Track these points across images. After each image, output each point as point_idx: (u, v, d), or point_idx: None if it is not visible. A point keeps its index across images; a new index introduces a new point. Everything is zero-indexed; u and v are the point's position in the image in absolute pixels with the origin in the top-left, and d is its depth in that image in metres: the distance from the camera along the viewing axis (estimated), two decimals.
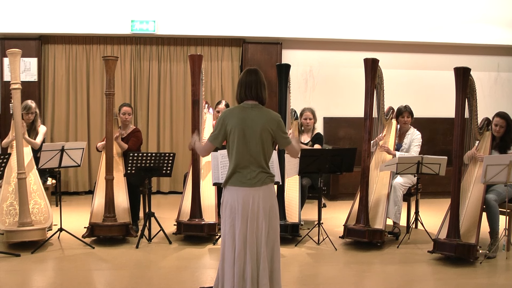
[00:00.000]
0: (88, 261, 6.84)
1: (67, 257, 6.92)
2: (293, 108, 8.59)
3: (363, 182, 7.53)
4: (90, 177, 11.19)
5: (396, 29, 11.34)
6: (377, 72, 7.67)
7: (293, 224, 7.63)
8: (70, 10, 10.70)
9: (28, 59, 10.69)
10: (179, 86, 11.35)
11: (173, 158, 7.57)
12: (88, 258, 6.92)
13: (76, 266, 6.62)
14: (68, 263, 6.72)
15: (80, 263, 6.72)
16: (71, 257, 6.91)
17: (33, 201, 7.45)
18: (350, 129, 11.47)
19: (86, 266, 6.67)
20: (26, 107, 8.20)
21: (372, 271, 6.66)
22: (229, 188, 4.72)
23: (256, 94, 4.74)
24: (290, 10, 11.15)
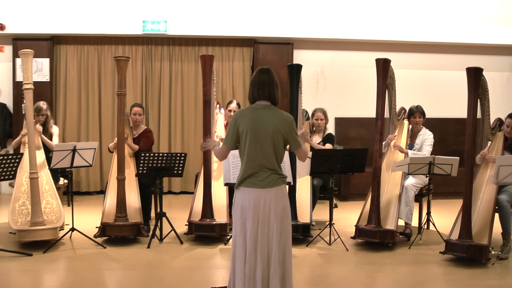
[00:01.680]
0: (99, 260, 6.86)
1: (79, 257, 6.94)
2: (305, 109, 8.58)
3: (375, 183, 7.51)
4: (102, 177, 11.22)
5: (407, 29, 11.31)
6: (389, 72, 7.65)
7: (304, 224, 7.62)
8: (82, 10, 10.73)
9: (40, 59, 10.73)
10: (190, 86, 11.36)
11: (184, 158, 7.57)
12: (100, 258, 6.94)
13: (87, 265, 6.63)
14: (80, 262, 6.74)
15: (92, 263, 6.74)
16: (83, 257, 6.93)
17: (45, 200, 7.48)
18: (361, 129, 11.44)
19: (97, 265, 6.69)
20: (37, 108, 8.22)
21: (383, 272, 6.65)
22: (241, 189, 4.71)
23: (268, 94, 4.73)
24: (302, 10, 11.13)
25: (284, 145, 4.75)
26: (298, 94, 7.78)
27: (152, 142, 8.63)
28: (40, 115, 8.30)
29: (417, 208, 8.29)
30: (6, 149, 10.84)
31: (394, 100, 8.00)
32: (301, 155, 4.90)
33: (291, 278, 4.77)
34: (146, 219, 8.01)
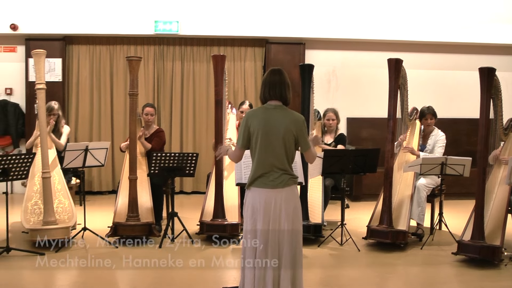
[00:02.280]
0: (111, 260, 6.87)
1: (91, 256, 6.95)
2: (316, 109, 8.58)
3: (387, 183, 7.50)
4: (114, 177, 11.25)
5: (420, 29, 11.27)
6: (401, 72, 7.62)
7: (316, 224, 7.61)
8: (94, 11, 10.76)
9: (52, 59, 10.76)
10: (202, 86, 11.37)
11: (196, 158, 7.58)
12: (111, 257, 6.95)
13: (99, 265, 6.64)
14: (92, 262, 6.75)
15: (103, 262, 6.75)
16: (95, 256, 6.94)
17: (57, 200, 7.50)
18: (373, 129, 11.41)
19: (109, 265, 6.70)
20: (49, 108, 8.24)
21: (395, 273, 6.64)
22: (252, 189, 4.71)
23: (280, 94, 4.72)
24: (313, 11, 11.12)
25: (295, 146, 4.75)
26: (310, 94, 7.77)
27: (164, 142, 8.65)
28: (51, 114, 8.33)
29: (429, 209, 8.26)
30: (18, 148, 10.89)
31: (406, 100, 7.98)
32: (310, 157, 4.89)
33: (301, 279, 4.76)
34: (158, 218, 8.03)
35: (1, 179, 6.70)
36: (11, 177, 6.76)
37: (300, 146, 4.78)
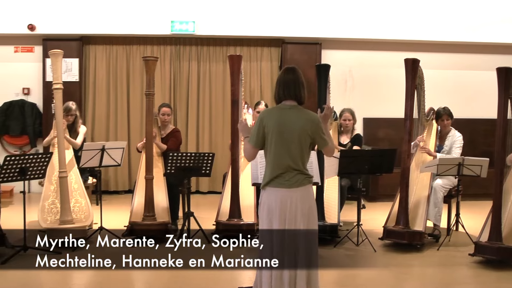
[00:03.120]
0: (127, 259, 6.88)
1: (107, 256, 6.96)
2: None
3: (403, 183, 7.47)
4: (130, 177, 11.27)
5: (436, 29, 11.22)
6: (418, 72, 7.59)
7: (332, 225, 7.59)
8: (111, 11, 10.80)
9: (69, 59, 10.81)
10: (219, 86, 11.38)
11: (212, 158, 7.58)
12: (127, 257, 6.96)
13: (115, 264, 6.66)
14: (108, 261, 6.76)
15: (119, 262, 6.76)
16: (111, 256, 6.95)
17: (74, 199, 7.54)
18: (390, 130, 11.36)
19: (125, 264, 6.71)
20: (66, 108, 8.28)
21: (411, 274, 6.61)
22: (267, 189, 4.70)
23: (294, 93, 4.70)
24: (330, 11, 11.09)
25: (310, 146, 4.73)
26: (326, 94, 7.75)
27: (180, 142, 8.66)
28: (69, 115, 8.36)
29: (446, 210, 8.22)
30: (36, 148, 10.95)
31: (423, 100, 7.94)
32: (328, 151, 4.85)
33: (317, 279, 4.75)
34: (174, 218, 8.04)
35: (19, 178, 6.74)
36: (28, 176, 6.80)
37: (318, 144, 4.76)
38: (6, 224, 7.42)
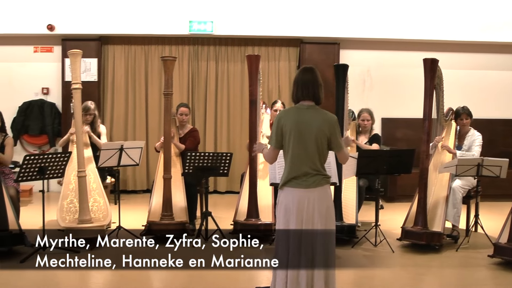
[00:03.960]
0: (145, 259, 6.90)
1: (125, 254, 6.99)
2: (351, 109, 8.53)
3: (422, 184, 7.43)
4: (148, 176, 11.31)
5: (455, 29, 11.15)
6: (437, 72, 7.55)
7: (350, 225, 7.57)
8: (129, 11, 10.84)
9: (88, 59, 10.87)
10: (237, 86, 11.39)
11: (230, 158, 7.58)
12: (145, 256, 6.98)
13: (133, 264, 6.68)
14: (126, 260, 6.78)
15: (137, 261, 6.78)
16: (129, 255, 6.98)
17: (92, 199, 7.57)
18: (408, 130, 11.32)
19: (143, 264, 6.73)
20: (85, 108, 8.30)
21: (429, 274, 6.57)
22: (285, 189, 4.69)
23: (313, 94, 4.70)
24: (348, 10, 11.07)
25: (328, 146, 4.72)
26: (345, 94, 7.74)
27: (198, 141, 8.67)
28: (88, 114, 8.39)
29: (465, 210, 8.17)
30: (55, 147, 11.02)
31: (441, 100, 7.90)
32: (342, 157, 4.86)
33: (334, 279, 4.74)
34: (192, 218, 8.06)
35: (38, 177, 6.79)
36: (47, 175, 6.84)
37: (333, 147, 4.75)
38: (25, 223, 7.48)
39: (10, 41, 11.07)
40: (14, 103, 11.03)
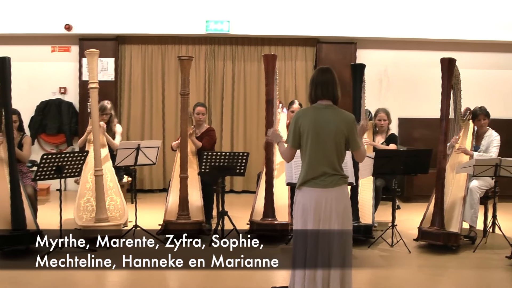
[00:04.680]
0: (161, 258, 6.92)
1: (141, 254, 7.01)
2: (368, 109, 8.51)
3: (439, 184, 7.40)
4: (165, 175, 11.33)
5: (473, 28, 11.08)
6: (454, 72, 7.51)
7: (366, 225, 7.56)
8: (146, 11, 10.87)
9: (105, 59, 10.90)
10: (253, 86, 11.38)
11: (246, 158, 7.59)
12: (162, 255, 7.00)
13: (150, 263, 6.70)
14: (142, 260, 6.81)
15: (154, 260, 6.80)
16: (145, 254, 7.00)
17: (109, 197, 7.61)
18: (425, 130, 11.27)
19: (159, 263, 6.75)
20: (101, 107, 8.34)
21: (446, 275, 6.54)
22: (302, 189, 4.69)
23: (331, 93, 4.70)
24: (365, 10, 11.03)
25: (346, 145, 4.72)
26: (361, 94, 7.72)
27: (215, 141, 8.68)
28: (104, 114, 8.43)
29: (482, 211, 8.12)
30: (72, 146, 11.07)
31: (459, 100, 7.86)
32: (359, 156, 4.86)
33: (351, 280, 4.73)
34: (208, 217, 8.07)
35: (55, 176, 6.82)
36: (64, 174, 6.88)
37: (350, 146, 4.74)
38: (43, 222, 7.53)
39: (28, 41, 11.13)
40: (32, 102, 11.09)
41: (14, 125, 7.35)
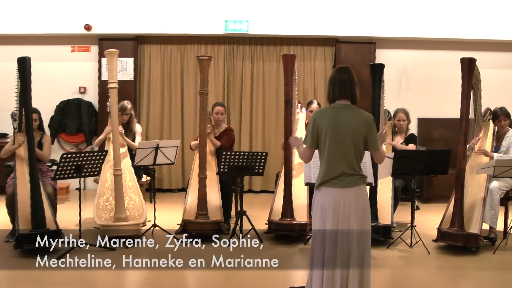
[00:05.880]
0: (180, 257, 6.93)
1: (160, 253, 7.03)
2: (387, 109, 8.47)
3: (458, 185, 7.35)
4: (183, 175, 11.35)
5: (493, 28, 10.99)
6: (474, 72, 7.46)
7: (385, 226, 7.53)
8: (165, 11, 10.90)
9: (124, 59, 10.94)
10: (272, 86, 11.38)
11: (265, 158, 7.59)
12: (180, 255, 7.02)
13: (168, 262, 6.72)
14: (161, 259, 6.83)
15: (173, 259, 6.82)
16: (164, 253, 7.02)
17: (128, 197, 7.63)
18: (445, 130, 11.20)
19: (178, 262, 6.76)
20: (121, 107, 8.37)
21: (466, 277, 6.50)
22: (321, 189, 4.69)
23: (350, 93, 4.69)
24: (384, 9, 10.99)
25: (364, 145, 4.70)
26: (380, 94, 7.70)
27: (233, 140, 8.69)
28: (124, 114, 8.46)
29: (503, 212, 8.05)
30: (91, 146, 11.12)
31: (479, 100, 7.81)
32: (378, 157, 4.85)
33: (369, 280, 4.72)
34: (227, 217, 8.08)
35: (75, 175, 6.86)
36: (84, 174, 6.92)
37: (369, 146, 4.73)
38: (62, 221, 7.58)
39: (48, 41, 11.20)
40: (52, 102, 11.16)
41: (34, 124, 7.41)
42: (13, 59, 7.17)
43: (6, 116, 7.94)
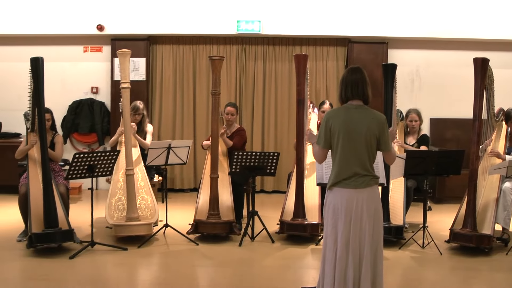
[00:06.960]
0: (192, 257, 6.96)
1: (172, 253, 7.06)
2: (399, 109, 8.44)
3: (471, 186, 7.32)
4: (195, 175, 11.37)
5: (506, 27, 10.94)
6: (487, 72, 7.42)
7: (397, 226, 7.51)
8: (178, 11, 10.91)
9: (137, 59, 10.97)
10: (284, 86, 11.37)
11: (277, 158, 7.59)
12: (192, 254, 7.04)
13: (180, 261, 6.75)
14: (173, 258, 6.86)
15: (184, 259, 6.85)
16: (176, 253, 7.05)
17: (140, 197, 7.65)
18: (457, 130, 11.16)
19: (190, 262, 6.79)
20: (134, 108, 8.40)
21: (479, 278, 6.47)
22: (333, 190, 4.67)
23: (362, 93, 4.68)
24: (396, 9, 10.96)
25: (377, 146, 4.69)
26: (393, 94, 7.67)
27: (245, 140, 8.69)
28: (136, 114, 8.49)
29: None
30: (103, 146, 11.16)
31: (492, 100, 7.77)
32: (390, 158, 4.84)
33: (382, 281, 4.70)
34: (238, 217, 8.08)
35: (87, 175, 6.89)
36: (96, 173, 6.95)
37: (381, 147, 4.71)
38: (75, 220, 7.61)
39: (61, 41, 11.25)
40: (64, 102, 11.21)
41: (47, 124, 7.44)
42: (26, 59, 7.21)
43: (19, 116, 7.97)
